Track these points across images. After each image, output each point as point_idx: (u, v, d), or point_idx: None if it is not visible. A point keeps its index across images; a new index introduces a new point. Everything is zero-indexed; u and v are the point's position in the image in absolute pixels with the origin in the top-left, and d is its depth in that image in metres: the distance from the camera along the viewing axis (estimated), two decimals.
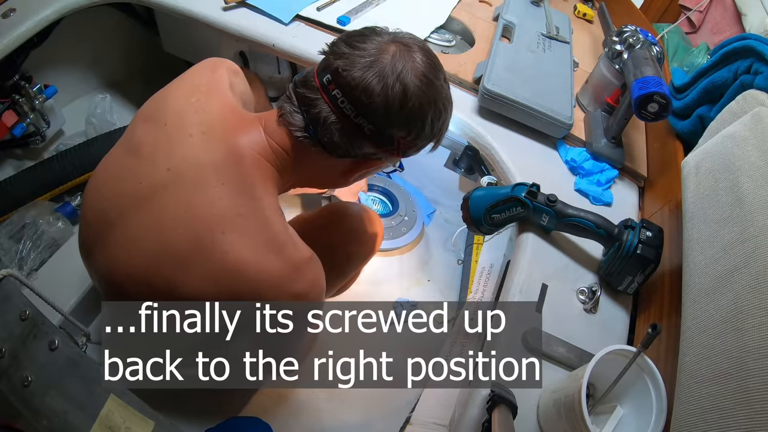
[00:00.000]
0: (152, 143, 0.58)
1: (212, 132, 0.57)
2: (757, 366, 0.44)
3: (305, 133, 0.58)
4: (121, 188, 0.58)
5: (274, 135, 0.59)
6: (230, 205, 0.55)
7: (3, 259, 0.90)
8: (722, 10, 1.57)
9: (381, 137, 0.57)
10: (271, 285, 0.55)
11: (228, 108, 0.60)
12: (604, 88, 0.96)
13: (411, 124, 0.57)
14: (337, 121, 0.56)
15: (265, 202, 0.56)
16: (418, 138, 0.59)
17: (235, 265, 0.54)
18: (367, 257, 0.85)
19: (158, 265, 0.56)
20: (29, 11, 0.89)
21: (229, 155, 0.56)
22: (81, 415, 0.51)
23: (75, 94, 1.23)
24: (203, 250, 0.54)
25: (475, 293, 1.02)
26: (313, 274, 0.60)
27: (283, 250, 0.55)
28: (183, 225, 0.54)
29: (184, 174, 0.56)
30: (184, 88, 0.62)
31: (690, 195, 0.65)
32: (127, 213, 0.57)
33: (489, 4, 1.31)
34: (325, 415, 0.91)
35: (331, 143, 0.57)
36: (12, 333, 0.56)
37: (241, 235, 0.54)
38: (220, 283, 0.54)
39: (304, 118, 0.57)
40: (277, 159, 0.60)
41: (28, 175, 1.02)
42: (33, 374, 0.53)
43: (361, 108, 0.55)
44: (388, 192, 1.32)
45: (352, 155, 0.59)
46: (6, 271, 0.59)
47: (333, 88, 0.55)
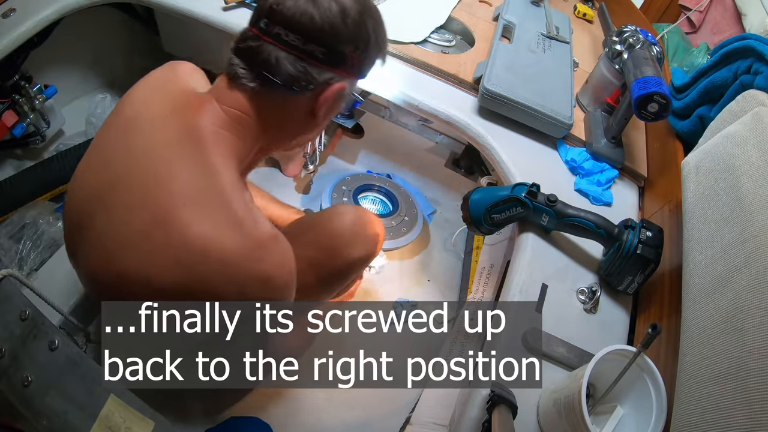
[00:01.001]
0: (114, 138, 0.59)
1: (172, 115, 0.58)
2: (757, 366, 0.44)
3: (261, 80, 0.57)
4: (90, 187, 0.59)
5: (229, 101, 0.58)
6: (189, 181, 0.54)
7: (3, 259, 0.90)
8: (722, 10, 1.57)
9: (333, 57, 0.58)
10: (234, 263, 0.53)
11: (186, 92, 0.61)
12: (604, 88, 0.96)
13: (357, 36, 0.58)
14: (288, 55, 0.56)
15: (224, 177, 0.55)
16: (367, 49, 0.60)
17: (198, 239, 0.52)
18: (368, 259, 0.85)
19: (127, 256, 0.55)
20: (29, 11, 0.89)
21: (186, 133, 0.56)
22: (81, 415, 0.51)
23: (75, 94, 1.23)
24: (164, 229, 0.53)
25: (475, 293, 1.02)
26: (280, 256, 0.58)
27: (242, 226, 0.54)
28: (143, 209, 0.54)
29: (143, 158, 0.56)
30: (145, 84, 0.63)
31: (690, 195, 0.65)
32: (97, 210, 0.57)
33: (489, 4, 1.31)
34: (325, 415, 0.91)
35: (288, 77, 0.57)
36: (12, 333, 0.56)
37: (201, 211, 0.53)
38: (183, 265, 0.53)
39: (255, 69, 0.57)
40: (236, 124, 0.59)
41: (28, 175, 1.02)
42: (33, 374, 0.53)
43: (307, 34, 0.55)
44: (388, 192, 1.32)
45: (312, 84, 0.58)
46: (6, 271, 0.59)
47: (273, 28, 0.56)
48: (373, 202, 1.32)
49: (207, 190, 0.54)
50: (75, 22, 1.03)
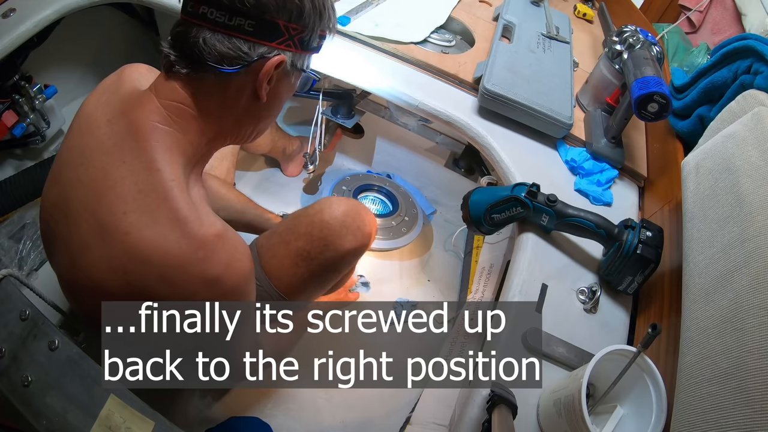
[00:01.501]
0: (69, 147, 0.59)
1: (115, 117, 0.57)
2: (757, 366, 0.44)
3: (192, 64, 0.55)
4: (53, 195, 0.59)
5: (165, 93, 0.57)
6: (131, 182, 0.53)
7: (3, 259, 0.90)
8: (722, 10, 1.57)
9: (264, 28, 0.55)
10: (176, 266, 0.52)
11: (130, 94, 0.60)
12: (604, 88, 0.96)
13: (287, 4, 0.55)
14: (215, 33, 0.54)
15: (165, 174, 0.53)
16: (301, 17, 0.57)
17: (138, 245, 0.51)
18: (359, 251, 0.84)
19: (77, 263, 0.55)
20: (29, 11, 0.89)
21: (128, 132, 0.55)
22: (81, 415, 0.51)
23: (75, 94, 1.23)
24: (107, 237, 0.52)
25: (475, 293, 1.02)
26: (227, 254, 0.55)
27: (185, 224, 0.52)
28: (91, 214, 0.53)
29: (92, 163, 0.55)
30: (95, 93, 0.62)
31: (690, 195, 0.65)
32: (59, 218, 0.57)
33: (489, 4, 1.31)
34: (325, 415, 0.91)
35: (217, 56, 0.54)
36: (12, 333, 0.56)
37: (142, 213, 0.52)
38: (127, 272, 0.52)
39: (186, 54, 0.55)
40: (175, 117, 0.57)
41: (28, 175, 1.02)
42: (33, 374, 0.53)
43: (231, 8, 0.53)
44: (388, 192, 1.32)
45: (246, 60, 0.56)
46: (6, 271, 0.59)
47: (198, 7, 0.54)
48: (373, 202, 1.32)
49: (148, 190, 0.53)
50: (75, 22, 1.03)
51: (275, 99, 0.63)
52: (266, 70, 0.57)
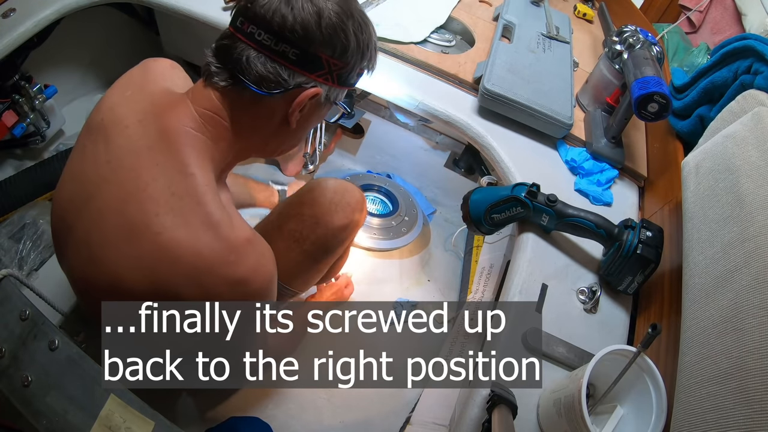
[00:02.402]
0: (93, 143, 0.59)
1: (146, 118, 0.57)
2: (757, 366, 0.44)
3: (232, 80, 0.56)
4: (71, 192, 0.59)
5: (201, 101, 0.57)
6: (164, 185, 0.53)
7: (3, 259, 0.90)
8: (722, 10, 1.57)
9: (308, 59, 0.56)
10: (207, 267, 0.53)
11: (160, 93, 0.60)
12: (604, 88, 0.96)
13: (334, 39, 0.56)
14: (259, 55, 0.55)
15: (198, 179, 0.54)
16: (346, 54, 0.58)
17: (169, 245, 0.52)
18: (349, 227, 0.84)
19: (100, 261, 0.55)
20: (29, 11, 0.89)
21: (161, 135, 0.55)
22: (81, 415, 0.51)
23: (75, 94, 1.23)
24: (137, 236, 0.53)
25: (475, 293, 1.02)
26: (256, 259, 0.56)
27: (217, 228, 0.53)
28: (120, 214, 0.54)
29: (121, 163, 0.55)
30: (119, 87, 0.62)
31: (690, 195, 0.65)
32: (78, 215, 0.57)
33: (489, 4, 1.31)
34: (325, 415, 0.91)
35: (258, 78, 0.55)
36: (12, 333, 0.56)
37: (175, 215, 0.52)
38: (155, 271, 0.53)
39: (228, 68, 0.56)
40: (209, 126, 0.57)
41: (28, 175, 1.02)
42: (33, 374, 0.53)
43: (279, 34, 0.54)
44: (388, 192, 1.32)
45: (284, 86, 0.57)
46: (6, 271, 0.59)
47: (247, 26, 0.55)
48: (373, 202, 1.32)
49: (181, 193, 0.53)
50: (75, 22, 1.03)
51: (303, 126, 0.65)
52: (300, 99, 0.58)
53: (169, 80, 0.63)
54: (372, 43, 0.61)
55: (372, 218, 1.23)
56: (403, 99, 0.94)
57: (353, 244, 1.20)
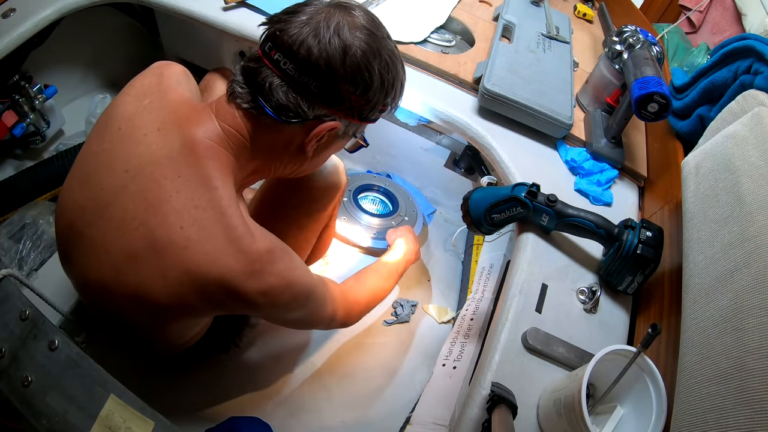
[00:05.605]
0: (108, 150, 0.58)
1: (167, 127, 0.57)
2: (757, 366, 0.44)
3: (254, 103, 0.57)
4: (84, 197, 0.58)
5: (225, 117, 0.58)
6: (187, 197, 0.54)
7: (3, 259, 0.90)
8: (722, 10, 1.57)
9: (329, 94, 0.56)
10: (234, 278, 0.54)
11: (180, 102, 0.60)
12: (604, 88, 0.96)
13: (357, 76, 0.56)
14: (282, 84, 0.55)
15: (221, 192, 0.55)
16: (368, 92, 0.58)
17: (195, 259, 0.53)
18: (333, 194, 0.85)
19: (122, 270, 0.55)
20: (29, 11, 0.89)
21: (184, 146, 0.56)
22: (81, 415, 0.51)
23: (75, 94, 1.23)
24: (162, 249, 0.53)
25: (475, 293, 1.02)
26: (283, 263, 0.58)
27: (240, 241, 0.54)
28: (142, 224, 0.54)
29: (141, 172, 0.55)
30: (134, 94, 0.62)
31: (690, 195, 0.65)
32: (92, 221, 0.57)
33: (489, 4, 1.31)
34: (325, 415, 0.91)
35: (279, 106, 0.56)
36: (12, 333, 0.56)
37: (199, 228, 0.53)
38: (183, 284, 0.54)
39: (251, 90, 0.57)
40: (231, 142, 0.58)
41: (28, 175, 1.02)
42: (33, 374, 0.53)
43: (303, 66, 0.54)
44: (388, 192, 1.32)
45: (303, 117, 0.57)
46: (6, 271, 0.59)
47: (274, 53, 0.55)
48: (373, 202, 1.32)
49: (205, 206, 0.54)
50: (75, 22, 1.03)
51: (320, 155, 0.66)
52: (318, 131, 0.59)
53: (184, 87, 0.64)
54: (398, 81, 0.62)
55: (372, 218, 1.23)
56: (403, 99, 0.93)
57: (353, 244, 1.20)
